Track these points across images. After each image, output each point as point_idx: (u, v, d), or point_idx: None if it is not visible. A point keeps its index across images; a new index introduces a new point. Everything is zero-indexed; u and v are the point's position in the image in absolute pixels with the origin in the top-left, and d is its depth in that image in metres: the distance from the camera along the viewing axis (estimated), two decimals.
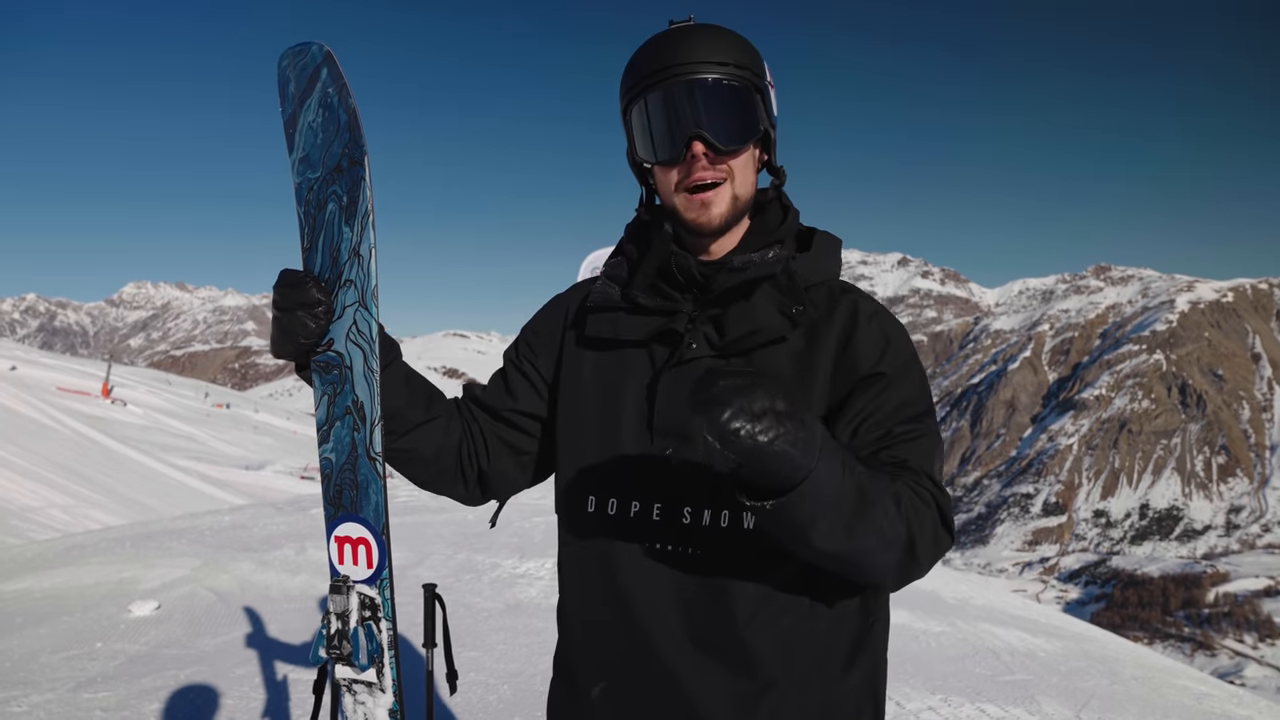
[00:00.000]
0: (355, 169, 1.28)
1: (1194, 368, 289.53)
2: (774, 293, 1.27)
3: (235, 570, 6.09)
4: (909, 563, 1.12)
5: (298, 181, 1.37)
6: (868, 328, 1.27)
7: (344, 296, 1.30)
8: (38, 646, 4.37)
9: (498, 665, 4.28)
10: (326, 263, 1.32)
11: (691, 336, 1.28)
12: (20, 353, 47.73)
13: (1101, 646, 6.26)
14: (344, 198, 1.30)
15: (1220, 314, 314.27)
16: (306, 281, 1.27)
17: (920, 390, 1.27)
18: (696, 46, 1.26)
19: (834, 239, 1.39)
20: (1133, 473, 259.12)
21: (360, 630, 1.32)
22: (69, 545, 7.22)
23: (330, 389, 1.32)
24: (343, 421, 1.31)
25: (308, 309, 1.27)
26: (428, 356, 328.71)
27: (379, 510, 1.31)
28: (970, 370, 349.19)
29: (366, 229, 1.28)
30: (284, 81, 1.38)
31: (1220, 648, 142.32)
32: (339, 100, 1.30)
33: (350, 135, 1.29)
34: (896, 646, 5.26)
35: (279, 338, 1.29)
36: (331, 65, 1.31)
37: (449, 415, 1.42)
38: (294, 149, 1.37)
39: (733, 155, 1.27)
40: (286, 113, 1.38)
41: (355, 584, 1.33)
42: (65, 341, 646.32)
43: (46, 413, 24.50)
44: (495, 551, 6.95)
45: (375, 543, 1.32)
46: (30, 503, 14.89)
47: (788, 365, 1.26)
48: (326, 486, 1.35)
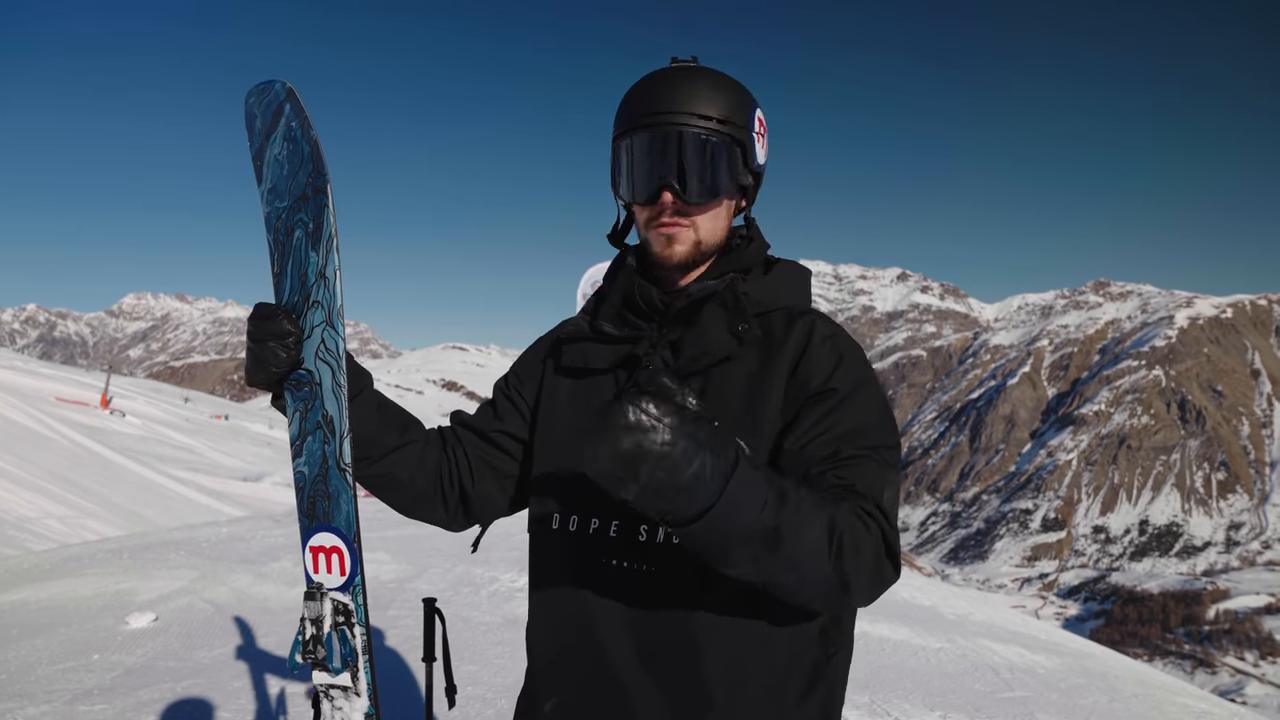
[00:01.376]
0: (319, 197, 1.36)
1: (1193, 383, 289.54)
2: (721, 312, 1.30)
3: (233, 582, 6.08)
4: (839, 595, 1.10)
5: (267, 211, 1.44)
6: (821, 347, 1.28)
7: (312, 317, 1.36)
8: (34, 658, 4.36)
9: (495, 679, 4.27)
10: (295, 285, 1.39)
11: (649, 360, 1.32)
12: (19, 362, 47.72)
13: (1101, 663, 6.24)
14: (310, 224, 1.37)
15: (1220, 330, 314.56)
16: (278, 314, 1.33)
17: (879, 418, 1.25)
18: (684, 96, 1.30)
19: (799, 269, 1.43)
20: (1132, 489, 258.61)
21: (334, 635, 1.37)
22: (66, 556, 7.20)
23: (302, 405, 1.38)
24: (314, 436, 1.37)
25: (279, 340, 1.33)
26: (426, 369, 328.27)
27: (350, 519, 1.37)
28: (969, 385, 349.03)
29: (331, 252, 1.34)
30: (250, 118, 1.46)
31: (1221, 665, 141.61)
32: (302, 133, 1.38)
33: (314, 165, 1.36)
34: (895, 662, 5.25)
35: (253, 367, 1.36)
36: (294, 101, 1.39)
37: (424, 440, 1.46)
38: (263, 181, 1.45)
39: (700, 208, 1.32)
40: (254, 147, 1.46)
41: (329, 591, 1.38)
42: (65, 352, 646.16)
43: (45, 423, 24.47)
44: (493, 565, 6.94)
45: (347, 551, 1.37)
46: (27, 513, 14.85)
47: (739, 385, 1.28)
48: (300, 499, 1.41)
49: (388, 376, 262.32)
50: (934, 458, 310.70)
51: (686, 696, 1.22)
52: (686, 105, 1.29)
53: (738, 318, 1.29)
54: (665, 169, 1.29)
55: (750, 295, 1.33)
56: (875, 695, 4.55)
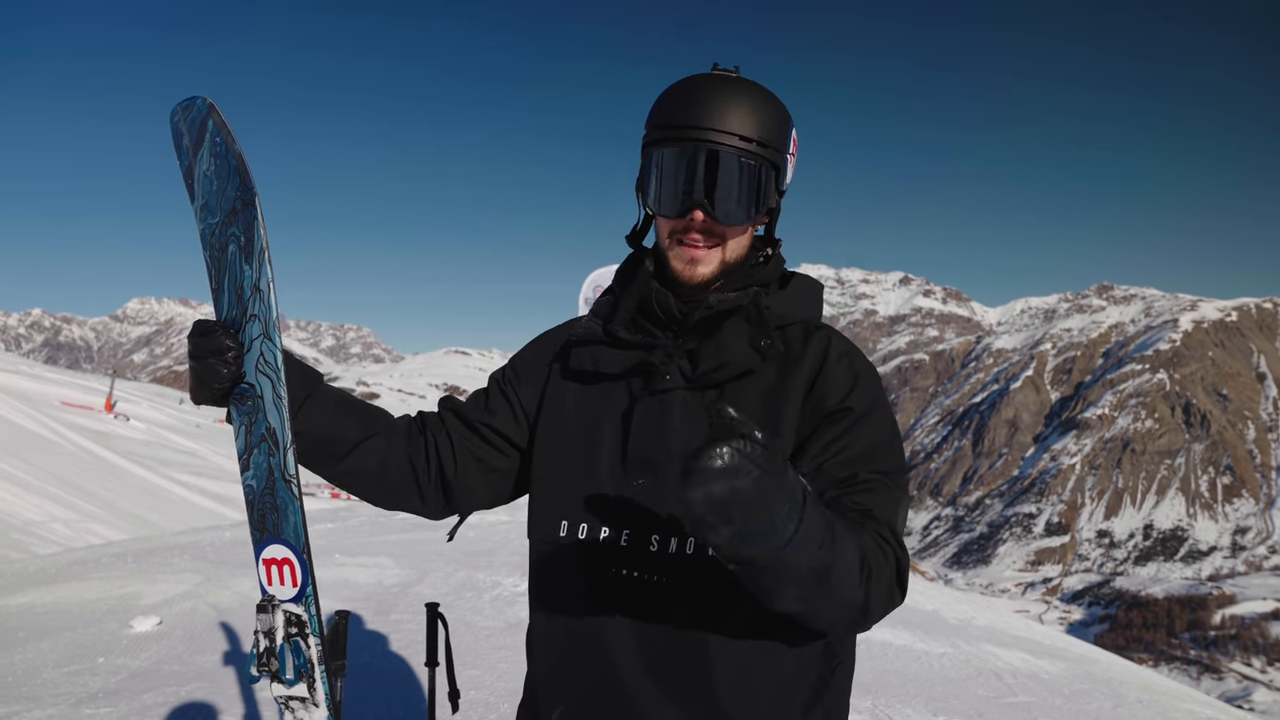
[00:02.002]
0: (248, 210, 1.36)
1: (1198, 387, 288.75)
2: (744, 326, 1.30)
3: (236, 586, 6.09)
4: (858, 621, 1.14)
5: (201, 228, 1.45)
6: (838, 365, 1.29)
7: (250, 330, 1.37)
8: (40, 661, 4.37)
9: (498, 684, 4.27)
10: (233, 300, 1.40)
11: (666, 369, 1.30)
12: (25, 367, 47.84)
13: (1105, 668, 6.23)
14: (241, 238, 1.37)
15: (1224, 333, 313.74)
16: (216, 330, 1.35)
17: (890, 441, 1.27)
18: (726, 113, 1.27)
19: (814, 283, 1.42)
20: (1136, 493, 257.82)
21: (287, 647, 1.37)
22: (71, 560, 7.22)
23: (246, 419, 1.39)
24: (259, 449, 1.38)
25: (219, 355, 1.34)
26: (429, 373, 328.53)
27: (298, 530, 1.37)
28: (972, 389, 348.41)
29: (264, 265, 1.35)
30: (178, 135, 1.48)
31: (1227, 671, 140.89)
32: (226, 148, 1.38)
33: (240, 179, 1.37)
34: (898, 667, 5.24)
35: (196, 385, 1.37)
36: (215, 115, 1.40)
37: (389, 429, 1.45)
38: (195, 198, 1.46)
39: (729, 229, 1.31)
40: (184, 164, 1.47)
41: (281, 603, 1.38)
42: (70, 356, 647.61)
43: (50, 427, 24.53)
44: (496, 569, 6.94)
45: (298, 562, 1.38)
46: (33, 517, 14.89)
47: (757, 399, 1.28)
48: (251, 512, 1.41)
49: (390, 381, 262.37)
50: (937, 462, 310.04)
51: (698, 708, 1.22)
52: (728, 123, 1.27)
53: (760, 332, 1.29)
54: (699, 187, 1.27)
55: (774, 310, 1.33)
56: (878, 700, 4.55)
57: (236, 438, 1.41)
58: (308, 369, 1.42)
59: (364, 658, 4.58)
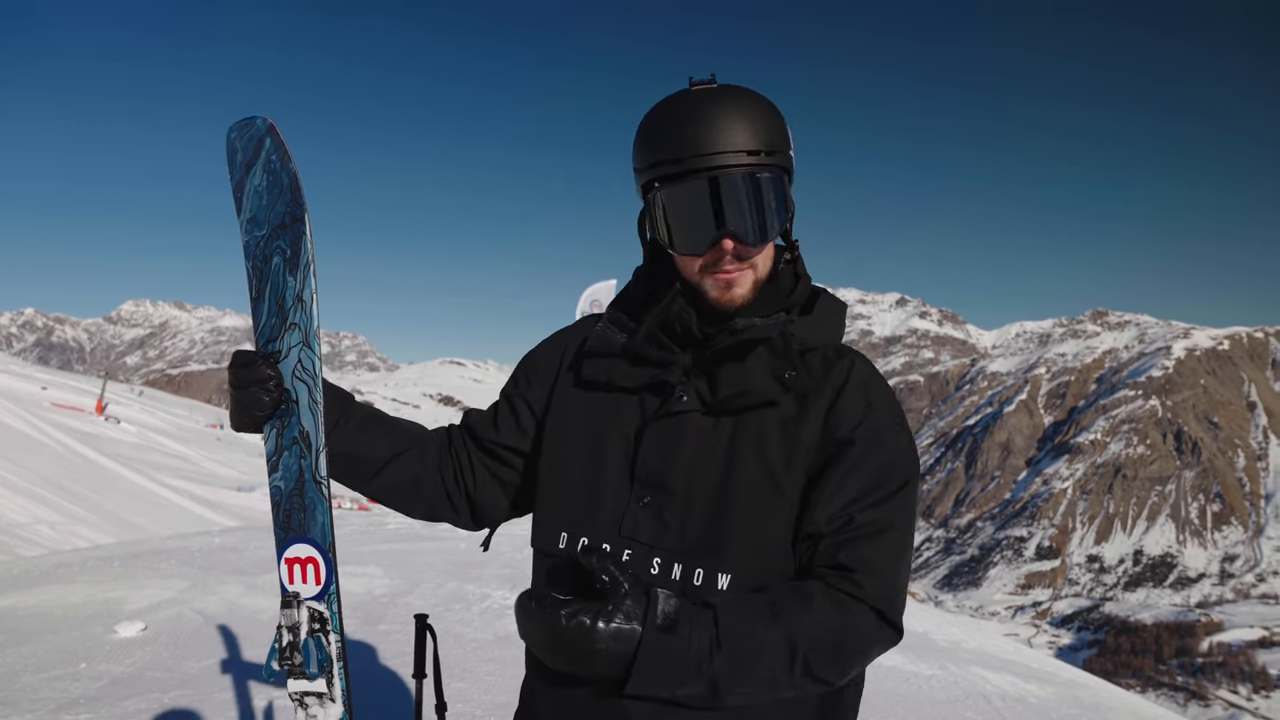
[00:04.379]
0: (297, 225, 1.42)
1: (1190, 414, 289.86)
2: (768, 356, 1.25)
3: (224, 593, 6.04)
4: (821, 692, 1.20)
5: (246, 239, 1.51)
6: (854, 394, 1.26)
7: (289, 338, 1.42)
8: (20, 666, 4.33)
9: (485, 697, 4.24)
10: (273, 308, 1.45)
11: (683, 390, 1.27)
12: (15, 367, 47.59)
13: (1094, 694, 6.21)
14: (288, 250, 1.43)
15: (1216, 361, 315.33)
16: (257, 360, 1.39)
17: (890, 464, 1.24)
18: (724, 131, 1.20)
19: (838, 304, 1.38)
20: (1127, 518, 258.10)
21: (310, 641, 1.40)
22: (56, 563, 7.16)
23: (279, 423, 1.43)
24: (290, 451, 1.42)
25: (261, 385, 1.38)
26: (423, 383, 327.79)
27: (325, 530, 1.41)
28: (966, 412, 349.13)
29: (308, 277, 1.41)
30: (232, 151, 1.54)
31: (1214, 698, 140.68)
32: (281, 165, 1.45)
33: (292, 195, 1.43)
34: (886, 688, 5.22)
35: (238, 413, 1.41)
36: (274, 135, 1.46)
37: (421, 443, 1.47)
38: (242, 211, 1.52)
39: (759, 249, 1.26)
40: (235, 179, 1.53)
41: (305, 600, 1.41)
42: (62, 357, 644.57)
43: (39, 428, 24.38)
44: (486, 582, 6.90)
45: (323, 561, 1.41)
46: (18, 518, 14.78)
47: (776, 430, 1.25)
48: (276, 513, 1.45)
49: (385, 390, 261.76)
50: (929, 484, 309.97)
51: None
52: (731, 141, 1.20)
53: (785, 364, 1.25)
54: (724, 218, 1.20)
55: (799, 336, 1.28)
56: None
57: (266, 440, 1.45)
58: (341, 390, 1.46)
59: (351, 668, 4.53)
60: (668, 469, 1.25)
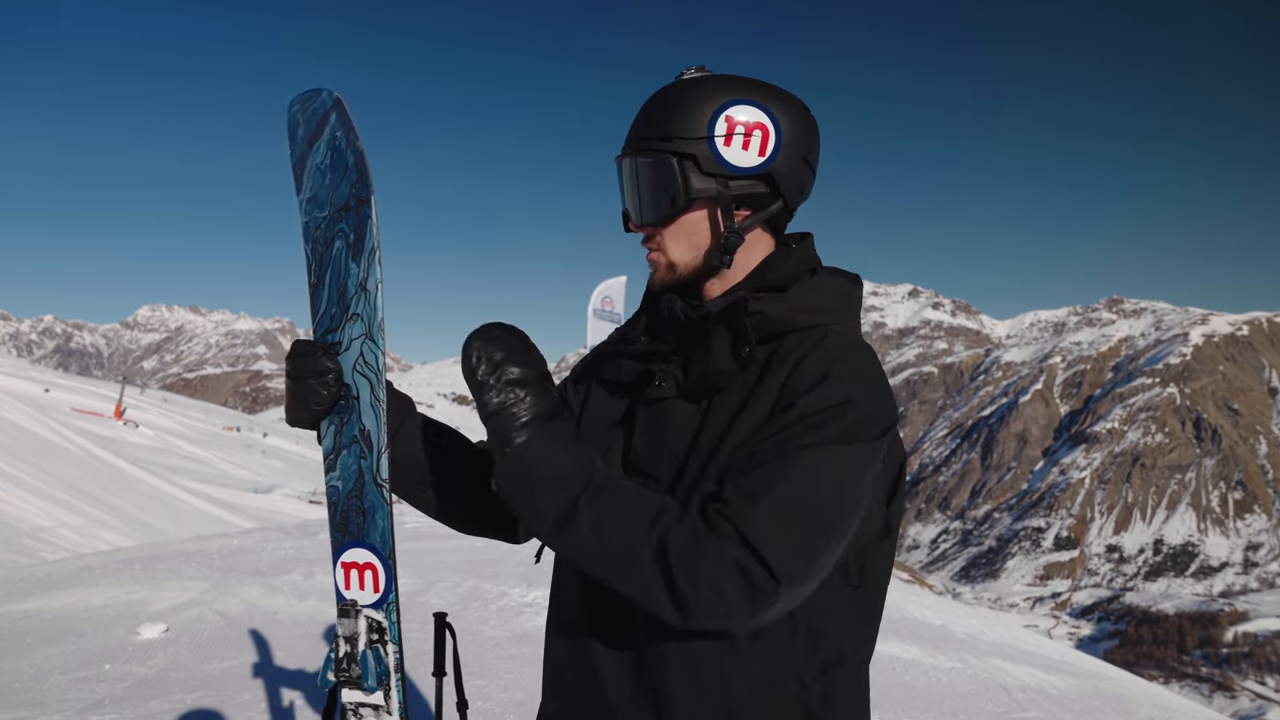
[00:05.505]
0: (362, 208, 1.31)
1: (1208, 401, 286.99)
2: (726, 334, 1.22)
3: (243, 594, 6.10)
4: (673, 609, 1.05)
5: (305, 220, 1.40)
6: (811, 366, 1.16)
7: (351, 330, 1.32)
8: (47, 667, 4.39)
9: (504, 694, 4.26)
10: (334, 297, 1.35)
11: (662, 377, 1.28)
12: (36, 373, 48.18)
13: (1116, 685, 6.17)
14: (351, 235, 1.32)
15: (1235, 347, 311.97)
16: (316, 351, 1.31)
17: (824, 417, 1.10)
18: (640, 120, 1.29)
19: (834, 281, 1.31)
20: (1146, 507, 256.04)
21: (369, 653, 1.33)
22: (79, 566, 7.25)
23: (337, 419, 1.34)
24: (349, 450, 1.33)
25: (319, 377, 1.30)
26: (436, 382, 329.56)
27: (385, 536, 1.32)
28: (981, 402, 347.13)
29: (373, 265, 1.30)
30: (294, 126, 1.42)
31: (1240, 689, 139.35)
32: (347, 143, 1.34)
33: (358, 175, 1.32)
34: (905, 681, 5.21)
35: (294, 406, 1.33)
36: (340, 110, 1.35)
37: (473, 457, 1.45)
38: (302, 189, 1.41)
39: (659, 231, 1.29)
40: (295, 155, 1.42)
41: (363, 608, 1.34)
42: (80, 363, 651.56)
43: (60, 433, 24.67)
44: (503, 580, 6.93)
45: (382, 567, 1.33)
46: (42, 522, 14.97)
47: (740, 409, 1.20)
48: (333, 513, 1.36)
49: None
50: (945, 475, 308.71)
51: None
52: (638, 130, 1.28)
53: (741, 340, 1.20)
54: (624, 199, 1.32)
55: (766, 314, 1.23)
56: (886, 715, 4.52)
57: (323, 437, 1.36)
58: (403, 395, 1.42)
59: None
60: (655, 456, 1.26)
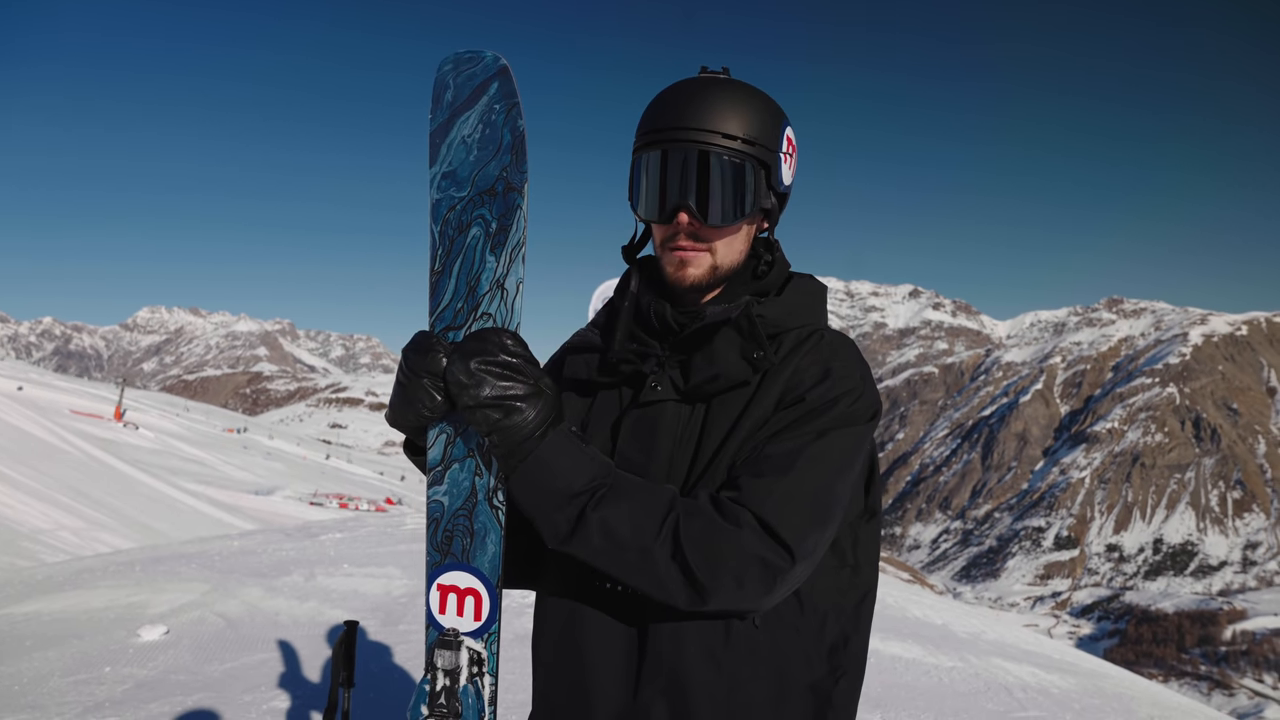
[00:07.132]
0: (511, 195, 1.20)
1: (1208, 401, 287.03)
2: (735, 337, 1.24)
3: (244, 596, 6.09)
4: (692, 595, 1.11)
5: (437, 198, 1.24)
6: (811, 365, 1.24)
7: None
8: (47, 670, 4.38)
9: (506, 695, 4.25)
10: (461, 291, 1.22)
11: (657, 379, 1.28)
12: (34, 375, 48.08)
13: (1116, 684, 6.17)
14: (493, 223, 1.20)
15: (1234, 347, 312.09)
16: (438, 348, 1.16)
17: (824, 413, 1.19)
18: (710, 112, 1.23)
19: (814, 286, 1.37)
20: (1146, 507, 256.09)
21: (470, 687, 1.20)
22: (79, 568, 7.24)
23: (450, 428, 1.20)
24: (462, 464, 1.20)
25: (435, 378, 1.15)
26: None
27: (495, 561, 1.20)
28: (981, 402, 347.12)
29: (515, 261, 1.19)
30: (441, 88, 1.25)
31: (1239, 687, 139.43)
32: (505, 118, 1.20)
33: (512, 158, 1.20)
34: (907, 681, 5.20)
35: (400, 406, 1.18)
36: (505, 79, 1.21)
37: None
38: (437, 162, 1.25)
39: (718, 232, 1.26)
40: (436, 122, 1.25)
41: (464, 637, 1.22)
42: (80, 365, 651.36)
43: (59, 435, 24.66)
44: None
45: (487, 595, 1.21)
46: (41, 524, 14.96)
47: (743, 410, 1.24)
48: (434, 531, 1.23)
49: None
50: (946, 475, 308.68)
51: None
52: (711, 122, 1.22)
53: (753, 344, 1.23)
54: (684, 190, 1.23)
55: (767, 318, 1.27)
56: (887, 714, 4.51)
57: (431, 446, 1.22)
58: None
59: (371, 668, 4.57)
60: (647, 459, 1.25)
